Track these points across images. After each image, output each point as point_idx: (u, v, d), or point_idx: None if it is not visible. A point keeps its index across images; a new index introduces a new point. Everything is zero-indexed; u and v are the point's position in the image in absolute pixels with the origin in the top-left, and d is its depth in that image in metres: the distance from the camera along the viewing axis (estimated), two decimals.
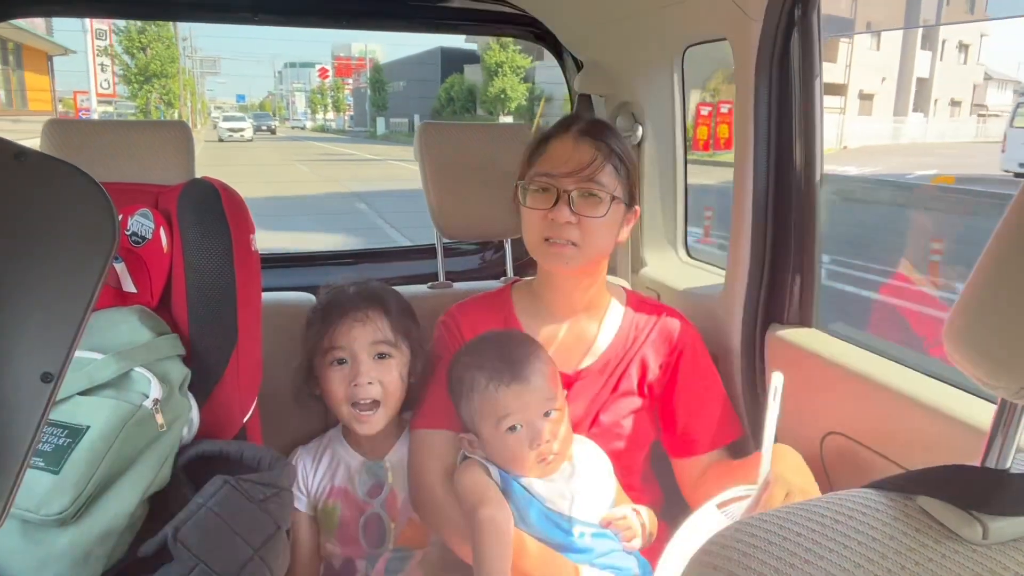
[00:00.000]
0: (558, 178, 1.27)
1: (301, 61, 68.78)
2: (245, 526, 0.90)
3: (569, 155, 1.27)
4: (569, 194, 1.26)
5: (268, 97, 72.49)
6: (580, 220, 1.26)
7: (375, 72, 40.81)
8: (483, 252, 2.28)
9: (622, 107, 1.91)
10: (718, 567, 0.45)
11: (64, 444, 0.94)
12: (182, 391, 1.09)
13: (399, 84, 40.01)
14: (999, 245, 0.40)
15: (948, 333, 0.42)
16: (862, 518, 0.47)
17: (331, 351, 1.34)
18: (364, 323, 1.34)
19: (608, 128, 1.35)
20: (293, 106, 58.82)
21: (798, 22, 1.31)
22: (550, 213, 1.26)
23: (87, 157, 1.43)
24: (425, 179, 1.66)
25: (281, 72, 73.46)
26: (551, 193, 1.27)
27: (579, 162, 1.26)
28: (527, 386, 1.19)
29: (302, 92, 60.33)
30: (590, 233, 1.27)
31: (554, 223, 1.26)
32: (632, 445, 1.35)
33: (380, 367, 1.33)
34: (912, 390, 1.13)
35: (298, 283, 1.78)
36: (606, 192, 1.27)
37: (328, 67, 52.34)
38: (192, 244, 1.16)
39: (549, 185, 1.28)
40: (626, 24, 1.72)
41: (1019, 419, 0.47)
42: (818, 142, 1.35)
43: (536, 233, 1.30)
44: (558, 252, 1.28)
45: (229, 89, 68.99)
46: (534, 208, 1.29)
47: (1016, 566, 0.44)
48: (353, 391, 1.31)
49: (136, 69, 20.68)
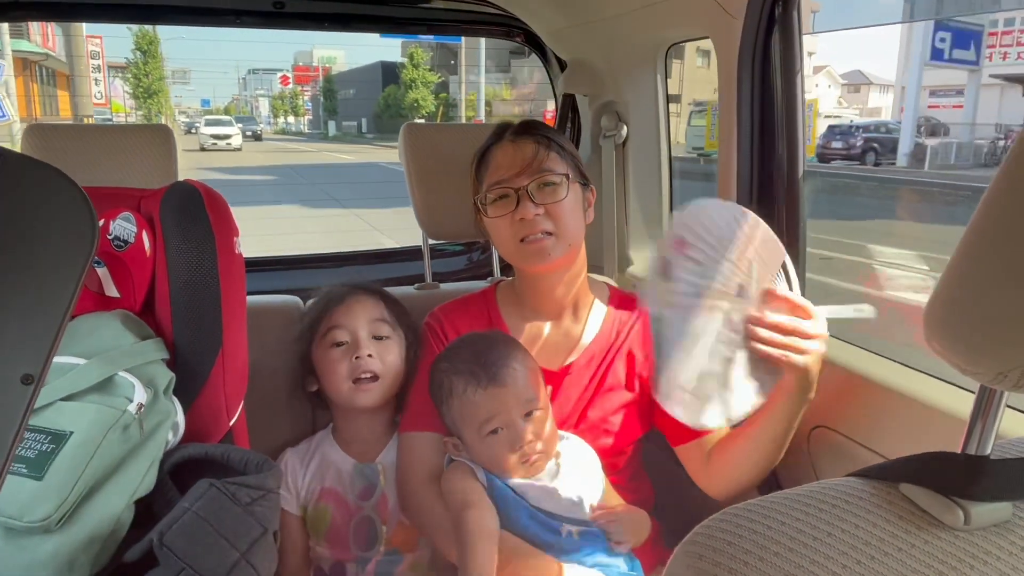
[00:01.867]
0: (511, 180, 1.29)
1: (264, 67, 72.37)
2: (231, 529, 0.89)
3: (512, 157, 1.30)
4: (527, 189, 1.27)
5: (233, 102, 74.15)
6: (546, 209, 1.27)
7: (327, 82, 47.17)
8: (469, 253, 2.28)
9: (606, 107, 1.92)
10: (703, 556, 0.45)
11: (47, 450, 0.93)
12: (167, 395, 1.08)
13: (349, 91, 45.08)
14: (975, 232, 0.40)
15: (927, 321, 0.43)
16: (845, 506, 0.47)
17: (331, 332, 1.37)
18: (362, 303, 1.39)
19: (539, 123, 1.39)
20: (257, 111, 63.57)
21: (779, 19, 1.32)
22: (516, 215, 1.28)
23: (69, 161, 1.42)
24: (410, 180, 1.66)
25: (245, 78, 77.57)
26: (510, 197, 1.29)
27: (524, 158, 1.29)
28: (504, 388, 1.19)
29: (266, 97, 64.99)
30: (560, 218, 1.28)
31: (524, 222, 1.27)
32: (621, 441, 1.35)
33: (379, 346, 1.36)
34: (896, 383, 1.14)
35: (284, 286, 1.77)
36: (559, 175, 1.29)
37: (289, 75, 57.33)
38: (175, 247, 1.15)
39: (505, 190, 1.29)
40: (609, 24, 1.73)
41: (998, 405, 0.47)
42: (800, 137, 1.36)
43: (509, 240, 1.31)
44: (537, 248, 1.28)
45: (194, 95, 70.60)
46: (499, 216, 1.30)
47: (998, 551, 0.45)
48: (355, 364, 1.33)
49: (142, 89, 30.09)
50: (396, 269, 2.13)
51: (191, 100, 62.66)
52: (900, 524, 0.46)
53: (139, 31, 29.67)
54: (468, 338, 1.30)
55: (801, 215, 1.37)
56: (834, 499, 0.48)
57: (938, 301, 0.42)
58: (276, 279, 2.07)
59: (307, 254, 2.30)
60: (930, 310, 0.43)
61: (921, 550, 0.44)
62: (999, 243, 0.39)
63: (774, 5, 1.30)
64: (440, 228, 1.70)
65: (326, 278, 1.57)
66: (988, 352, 0.40)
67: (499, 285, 1.48)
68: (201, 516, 0.88)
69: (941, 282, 0.42)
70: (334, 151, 30.99)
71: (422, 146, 1.66)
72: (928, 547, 0.44)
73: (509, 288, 1.45)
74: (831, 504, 0.47)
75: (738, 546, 0.44)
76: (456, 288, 1.73)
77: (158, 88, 33.92)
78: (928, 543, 0.45)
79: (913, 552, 0.44)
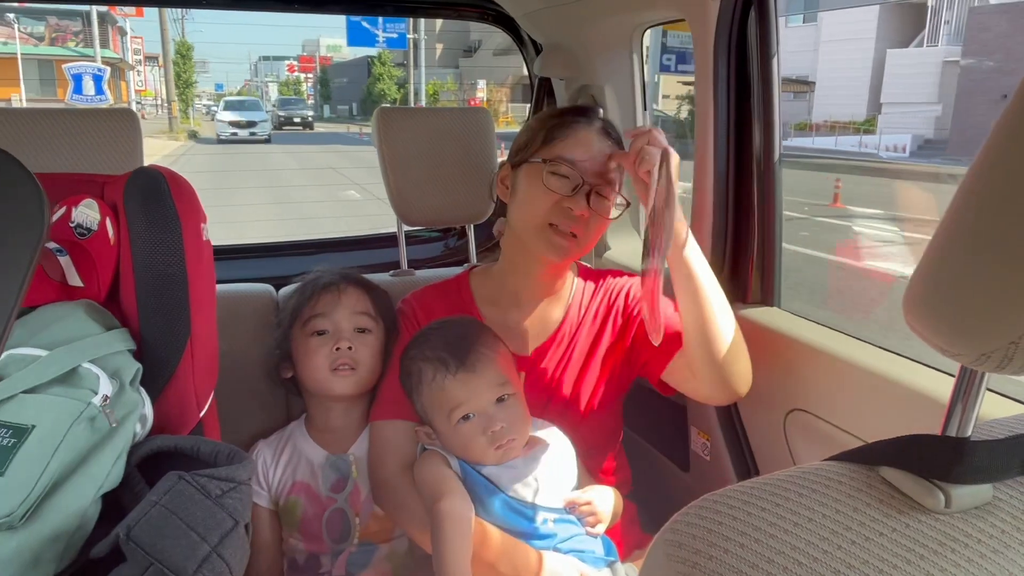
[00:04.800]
0: (582, 169, 1.24)
1: (274, 55, 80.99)
2: (201, 522, 0.87)
3: (594, 148, 1.25)
4: (592, 188, 1.23)
5: (245, 86, 78.69)
6: (591, 216, 1.24)
7: (323, 72, 56.91)
8: (446, 239, 2.26)
9: (582, 90, 1.90)
10: (683, 544, 0.44)
11: (8, 445, 0.90)
12: (133, 386, 1.05)
13: (343, 80, 53.26)
14: (956, 212, 0.39)
15: (907, 302, 0.42)
16: (825, 491, 0.46)
17: (312, 320, 1.36)
18: (348, 295, 1.37)
19: (617, 130, 1.33)
20: (267, 95, 71.30)
21: (755, 1, 1.31)
22: (566, 201, 1.23)
23: (28, 147, 1.37)
24: (384, 165, 1.63)
25: (256, 65, 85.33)
26: (571, 181, 1.24)
27: (602, 159, 1.24)
28: (475, 374, 1.17)
29: (275, 83, 73.06)
30: (593, 230, 1.26)
31: (567, 212, 1.23)
32: (596, 423, 1.35)
33: (360, 339, 1.35)
34: (873, 365, 1.14)
35: (257, 274, 1.74)
36: (617, 193, 1.26)
37: (295, 64, 64.11)
38: (140, 235, 1.12)
39: (571, 173, 1.24)
40: (583, 6, 1.71)
41: (979, 387, 0.46)
42: (776, 122, 1.36)
43: (541, 216, 1.25)
44: (559, 242, 1.25)
45: (209, 80, 75.67)
46: (549, 190, 1.24)
47: (978, 533, 0.44)
48: (335, 355, 1.33)
49: (182, 81, 32.22)
50: (371, 256, 2.10)
51: (205, 84, 67.40)
52: (880, 508, 0.45)
53: (180, 40, 33.32)
54: (437, 324, 1.28)
55: (777, 196, 1.37)
56: (813, 484, 0.47)
57: (919, 282, 0.41)
58: (249, 267, 2.03)
59: (280, 241, 2.26)
60: (911, 292, 0.42)
61: (902, 533, 0.44)
62: (981, 222, 0.38)
63: None
64: (415, 214, 1.67)
65: (300, 266, 1.54)
66: (970, 333, 0.39)
67: (473, 271, 1.45)
68: (169, 509, 0.85)
69: (922, 263, 0.41)
70: (326, 127, 40.30)
71: (396, 130, 1.63)
72: (909, 530, 0.44)
73: (484, 274, 1.43)
74: (810, 489, 0.46)
75: (717, 533, 0.44)
76: (432, 275, 1.71)
77: (192, 81, 38.42)
78: (909, 526, 0.44)
79: (894, 536, 0.43)
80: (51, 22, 29.47)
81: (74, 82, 17.33)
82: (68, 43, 29.58)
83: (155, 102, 38.40)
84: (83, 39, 28.85)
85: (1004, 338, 0.37)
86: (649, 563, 0.46)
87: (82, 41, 28.96)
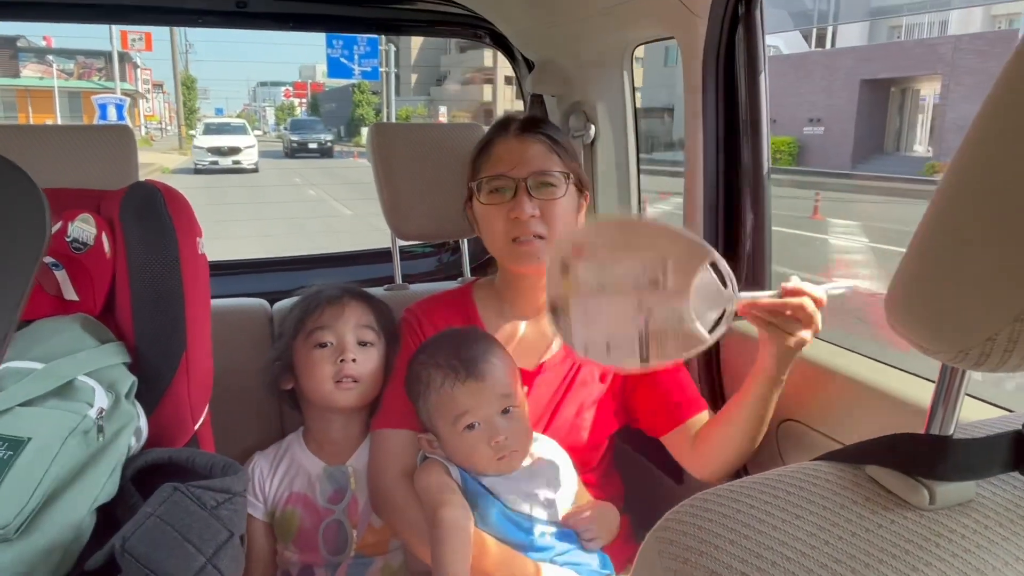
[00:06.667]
0: (511, 172, 1.28)
1: (272, 81, 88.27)
2: (196, 534, 0.87)
3: (516, 151, 1.30)
4: (526, 183, 1.27)
5: (244, 110, 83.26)
6: (543, 210, 1.27)
7: (313, 98, 61.84)
8: (439, 254, 2.27)
9: (574, 107, 1.92)
10: (674, 541, 0.45)
11: (4, 457, 0.90)
12: (128, 399, 1.06)
13: (332, 105, 57.33)
14: (935, 212, 0.40)
15: (888, 302, 0.43)
16: (813, 488, 0.47)
17: (316, 332, 1.36)
18: (352, 308, 1.39)
19: (544, 120, 1.38)
20: (265, 119, 77.51)
21: (742, 19, 1.33)
22: (512, 211, 1.27)
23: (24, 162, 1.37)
24: (379, 180, 1.64)
25: (255, 90, 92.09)
26: (507, 190, 1.28)
27: (525, 154, 1.29)
28: (483, 383, 1.19)
29: (272, 107, 78.31)
30: (553, 221, 1.28)
31: (518, 221, 1.27)
32: (594, 438, 1.35)
33: (363, 352, 1.36)
34: (864, 376, 1.15)
35: (251, 290, 1.74)
36: (559, 173, 1.29)
37: (290, 89, 69.18)
38: (136, 249, 1.12)
39: (505, 182, 1.29)
40: (575, 24, 1.74)
41: (960, 385, 0.48)
42: (764, 135, 1.38)
43: (501, 235, 1.30)
44: (528, 250, 1.28)
45: (209, 104, 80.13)
46: (493, 204, 1.30)
47: (962, 528, 0.45)
48: (338, 367, 1.33)
49: (187, 108, 38.87)
50: (365, 271, 2.11)
51: (207, 109, 71.22)
52: (867, 505, 0.46)
53: (185, 74, 39.43)
54: (448, 333, 1.30)
55: (767, 211, 1.39)
56: (801, 482, 0.48)
57: (899, 283, 0.42)
58: (243, 282, 2.03)
59: (274, 257, 2.27)
60: (892, 292, 0.43)
61: (887, 529, 0.45)
62: (957, 222, 0.39)
63: (737, 4, 1.31)
64: (409, 229, 1.68)
65: (293, 281, 1.55)
66: (948, 331, 0.40)
67: (476, 283, 1.47)
68: (165, 521, 0.86)
69: (902, 264, 0.42)
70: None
71: (390, 145, 1.64)
72: (894, 526, 0.45)
73: (487, 286, 1.45)
74: (798, 487, 0.47)
75: (708, 530, 0.44)
76: (426, 289, 1.72)
77: (195, 108, 47.70)
78: (894, 522, 0.45)
79: (880, 531, 0.44)
80: (79, 60, 35.38)
81: (100, 110, 21.36)
82: (93, 77, 34.88)
83: (159, 125, 46.00)
84: (105, 73, 34.11)
85: (981, 335, 0.38)
86: (642, 561, 0.47)
87: (104, 75, 34.25)
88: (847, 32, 23.14)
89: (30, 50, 34.03)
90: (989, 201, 0.37)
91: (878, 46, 21.48)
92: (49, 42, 35.69)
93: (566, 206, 1.30)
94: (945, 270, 0.39)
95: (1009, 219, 0.36)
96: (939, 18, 19.86)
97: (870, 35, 23.36)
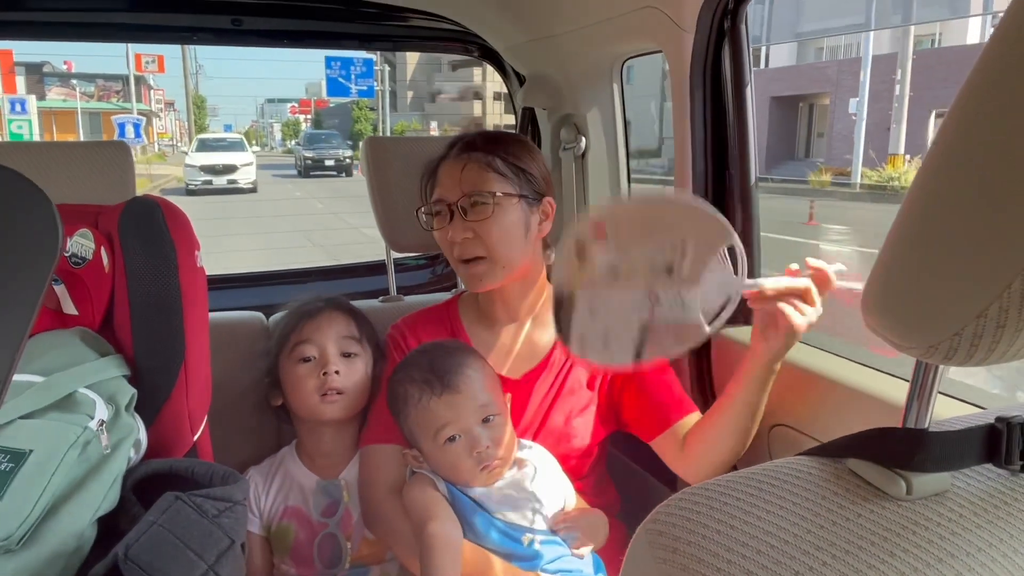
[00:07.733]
0: (447, 195, 1.30)
1: (279, 98, 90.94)
2: (198, 542, 0.89)
3: (453, 174, 1.31)
4: (458, 206, 1.28)
5: (252, 126, 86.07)
6: (476, 231, 1.28)
7: (316, 113, 64.91)
8: (433, 266, 2.29)
9: (564, 119, 1.95)
10: (663, 533, 0.47)
11: (6, 469, 0.91)
12: (128, 411, 1.07)
13: (334, 121, 59.68)
14: (905, 213, 0.43)
15: (864, 299, 0.45)
16: (796, 482, 0.49)
17: (299, 347, 1.37)
18: (333, 320, 1.40)
19: (492, 136, 1.37)
20: (272, 135, 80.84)
21: (728, 32, 1.36)
22: (449, 234, 1.29)
23: None
24: (373, 193, 1.67)
25: (263, 107, 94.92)
26: (445, 214, 1.31)
27: (459, 176, 1.30)
28: (460, 395, 1.19)
29: (278, 124, 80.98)
30: (489, 239, 1.28)
31: (455, 246, 1.30)
32: (584, 445, 1.36)
33: (346, 363, 1.37)
34: (854, 380, 1.17)
35: (247, 303, 1.76)
36: (486, 193, 1.28)
37: (296, 106, 72.48)
38: (135, 262, 1.14)
39: (440, 208, 1.31)
40: (565, 39, 1.77)
41: (933, 380, 0.50)
42: (752, 146, 1.40)
43: (451, 257, 1.33)
44: (472, 272, 1.31)
45: (218, 121, 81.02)
46: (435, 230, 1.33)
47: (938, 517, 0.47)
48: (322, 380, 1.34)
49: (197, 126, 42.37)
50: (360, 284, 2.13)
51: (215, 126, 72.64)
52: (847, 496, 0.48)
53: (195, 95, 43.20)
54: (422, 348, 1.31)
55: (755, 220, 1.41)
56: (785, 476, 0.50)
57: (874, 281, 0.45)
58: (240, 296, 2.05)
59: (270, 271, 2.29)
60: (867, 290, 0.45)
61: (867, 519, 0.47)
62: (925, 221, 0.41)
63: (723, 19, 1.35)
64: (404, 241, 1.71)
65: (290, 294, 1.57)
66: (918, 327, 0.42)
67: (462, 296, 1.48)
68: (167, 529, 0.87)
69: (877, 262, 0.45)
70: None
71: (384, 158, 1.67)
72: (873, 516, 0.47)
73: (471, 298, 1.46)
74: (782, 481, 0.49)
75: (697, 521, 0.46)
76: (420, 300, 1.74)
77: (205, 126, 51.74)
78: (873, 512, 0.47)
79: (860, 521, 0.46)
80: (99, 83, 38.42)
81: (119, 129, 22.58)
82: (112, 99, 37.63)
83: (170, 142, 48.88)
84: (123, 95, 36.56)
85: (948, 330, 0.40)
86: (632, 552, 0.49)
87: (122, 96, 36.79)
88: (778, 52, 25.32)
89: (54, 74, 36.01)
90: (954, 203, 0.40)
91: (786, 68, 24.55)
92: (70, 66, 37.31)
93: (501, 223, 1.28)
94: (913, 268, 0.42)
95: (972, 220, 0.39)
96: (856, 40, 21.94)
97: (798, 56, 25.47)
